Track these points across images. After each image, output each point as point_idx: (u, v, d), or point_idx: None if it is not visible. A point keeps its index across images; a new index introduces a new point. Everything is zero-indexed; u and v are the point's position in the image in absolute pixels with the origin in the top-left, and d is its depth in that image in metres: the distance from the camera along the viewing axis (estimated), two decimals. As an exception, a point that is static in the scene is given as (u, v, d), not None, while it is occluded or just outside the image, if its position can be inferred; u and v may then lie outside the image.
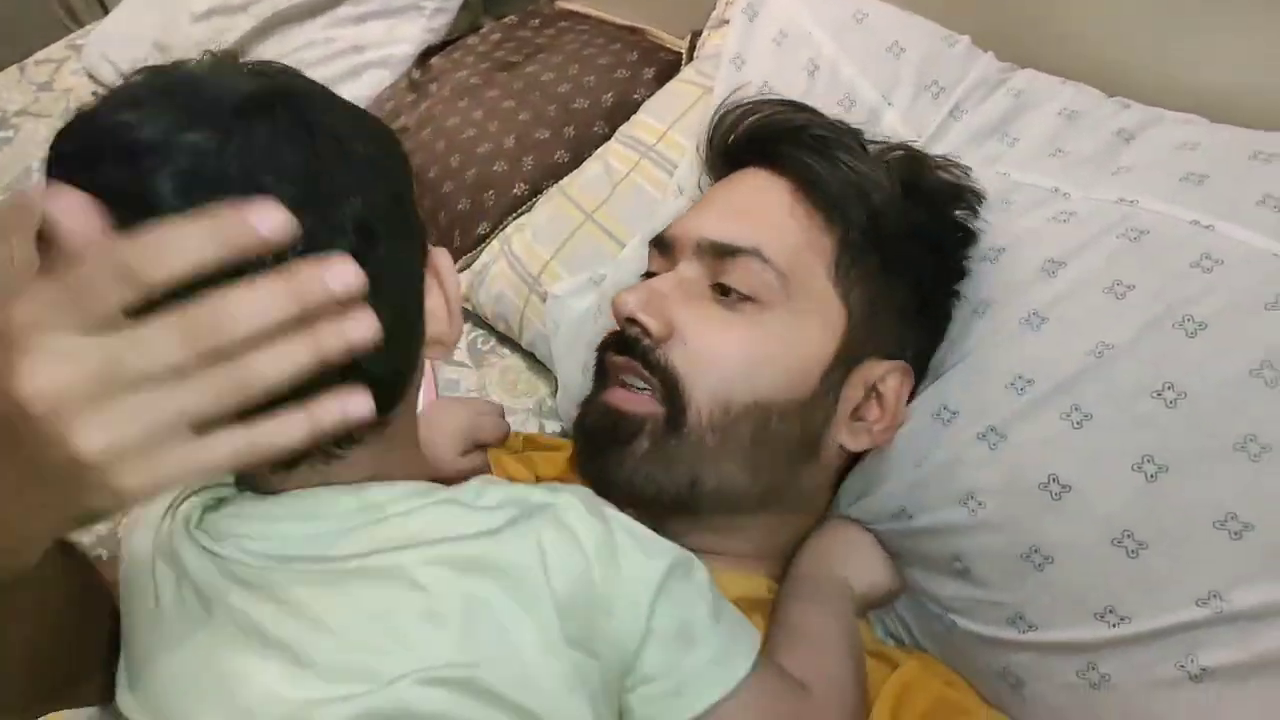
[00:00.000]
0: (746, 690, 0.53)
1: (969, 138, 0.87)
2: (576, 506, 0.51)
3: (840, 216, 0.74)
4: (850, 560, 0.76)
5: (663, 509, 0.70)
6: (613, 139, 1.20)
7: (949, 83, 0.90)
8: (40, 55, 1.94)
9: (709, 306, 0.72)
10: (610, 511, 0.53)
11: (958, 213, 0.80)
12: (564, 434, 1.06)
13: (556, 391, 1.09)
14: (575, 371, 1.01)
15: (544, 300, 1.11)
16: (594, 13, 1.51)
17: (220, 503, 0.52)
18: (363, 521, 0.49)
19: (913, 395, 0.78)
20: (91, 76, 1.85)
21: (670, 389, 0.69)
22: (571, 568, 0.49)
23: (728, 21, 1.11)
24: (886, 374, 0.75)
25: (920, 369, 0.79)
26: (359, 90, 1.53)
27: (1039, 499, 0.70)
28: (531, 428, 1.11)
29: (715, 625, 0.53)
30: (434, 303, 0.51)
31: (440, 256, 0.51)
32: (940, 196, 0.79)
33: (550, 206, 1.19)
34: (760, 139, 0.80)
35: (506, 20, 1.53)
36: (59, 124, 0.46)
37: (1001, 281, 0.77)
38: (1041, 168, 0.82)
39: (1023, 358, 0.73)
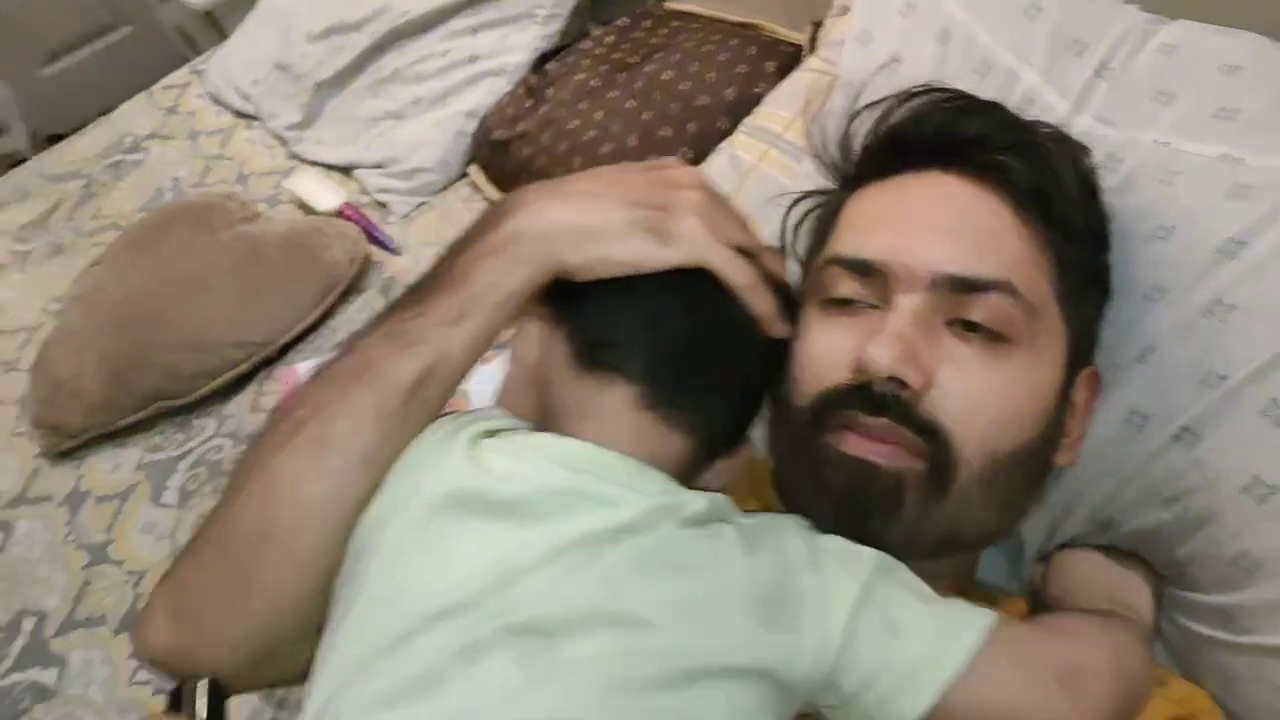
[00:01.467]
0: (988, 653, 0.52)
1: (1120, 99, 0.82)
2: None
3: (1053, 231, 0.65)
4: (1120, 583, 0.71)
5: (899, 553, 0.62)
6: (736, 131, 1.19)
7: (1092, 39, 0.84)
8: (165, 81, 2.03)
9: (956, 347, 0.62)
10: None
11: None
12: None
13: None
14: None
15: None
16: (704, 11, 1.51)
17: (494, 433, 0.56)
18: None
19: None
20: (214, 99, 1.92)
21: (938, 447, 0.60)
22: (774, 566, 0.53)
23: (849, 8, 1.10)
24: (1080, 382, 0.70)
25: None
26: (478, 99, 1.56)
27: (1242, 503, 0.66)
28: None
29: (929, 609, 0.54)
30: None
31: None
32: (1096, 180, 0.73)
33: (678, 202, 1.18)
34: (956, 141, 0.69)
35: (618, 23, 1.54)
36: (185, 145, 0.51)
37: (1174, 265, 0.72)
38: (1206, 132, 0.76)
39: (1210, 351, 0.68)
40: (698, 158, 1.23)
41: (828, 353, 0.63)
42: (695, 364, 0.59)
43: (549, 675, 0.47)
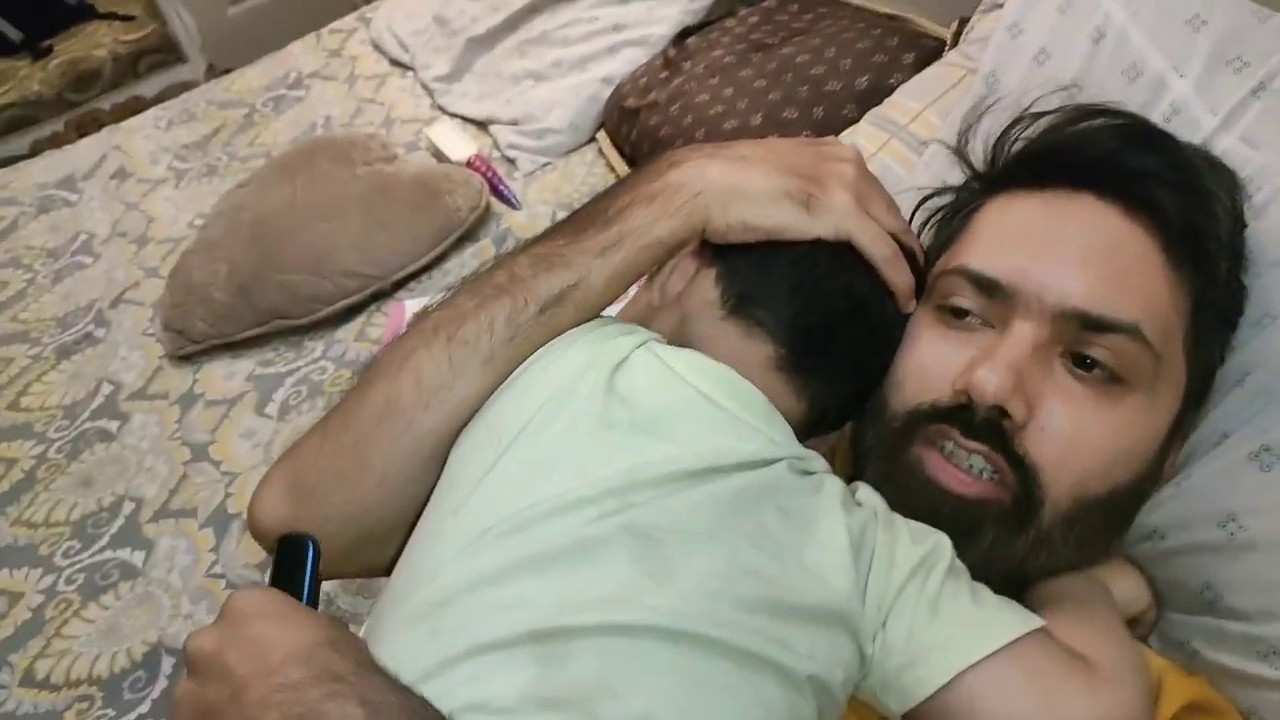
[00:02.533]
0: (1011, 654, 0.52)
1: (1272, 123, 0.78)
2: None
3: (1196, 274, 0.62)
4: (1105, 573, 0.69)
5: (990, 581, 0.62)
6: (862, 120, 1.17)
7: (1254, 58, 0.81)
8: (335, 25, 2.13)
9: (1068, 384, 0.60)
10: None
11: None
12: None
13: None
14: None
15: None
16: (855, 0, 1.49)
17: None
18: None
19: None
20: (376, 46, 2.00)
21: (1027, 484, 0.58)
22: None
23: (1000, 5, 1.06)
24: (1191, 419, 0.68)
25: None
26: (615, 67, 1.57)
27: None
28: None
29: (972, 600, 0.55)
30: None
31: None
32: (1242, 210, 0.69)
33: (791, 184, 1.17)
34: (1119, 171, 0.65)
35: (765, 4, 1.53)
36: (343, 87, 0.54)
37: None
38: None
39: None
40: (820, 142, 1.21)
41: (935, 365, 0.62)
42: (832, 340, 0.62)
43: (661, 574, 0.49)
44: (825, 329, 0.62)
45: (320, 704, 0.42)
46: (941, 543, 0.57)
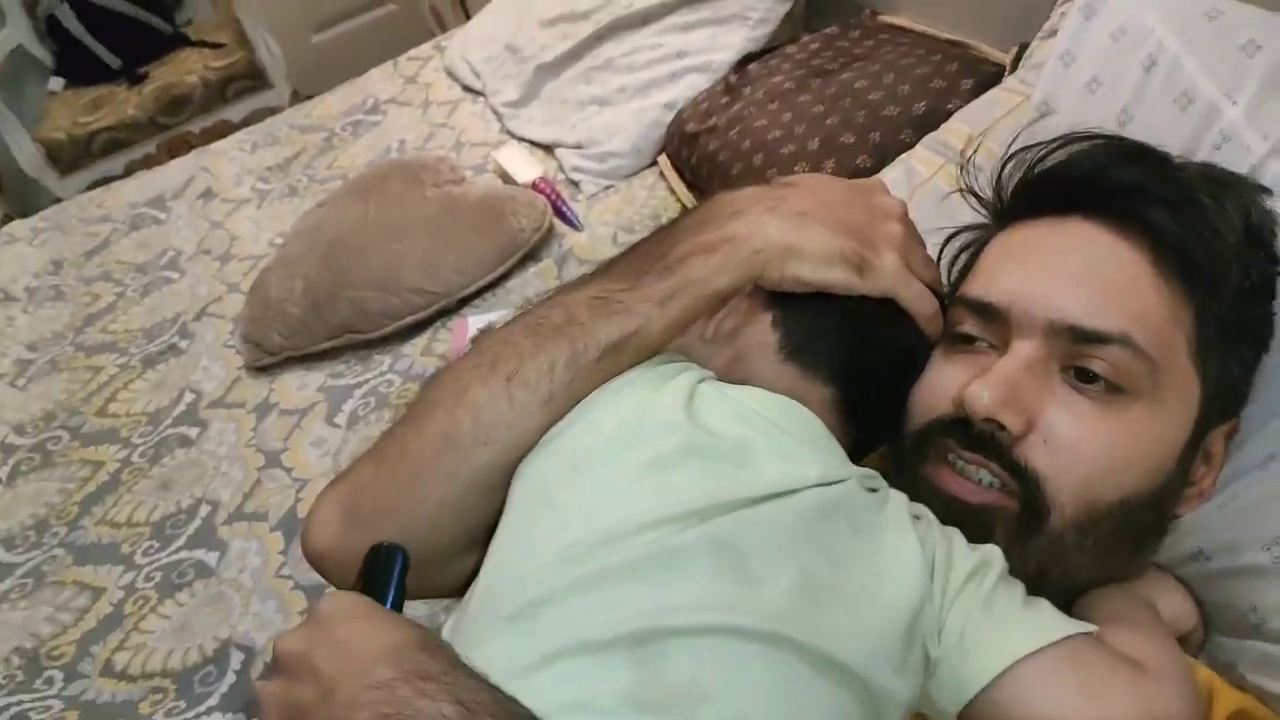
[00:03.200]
0: (1061, 650, 0.55)
1: (1328, 149, 0.78)
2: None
3: (1198, 286, 0.64)
4: (1153, 592, 0.70)
5: None
6: (919, 145, 1.18)
7: (1308, 84, 0.81)
8: (412, 53, 2.21)
9: (1066, 395, 0.62)
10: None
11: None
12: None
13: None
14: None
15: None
16: (917, 26, 1.50)
17: None
18: None
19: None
20: (449, 73, 2.07)
21: (1032, 490, 0.61)
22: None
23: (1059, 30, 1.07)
24: (1219, 435, 0.68)
25: None
26: (677, 93, 1.61)
27: None
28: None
29: (1023, 603, 0.57)
30: None
31: None
32: (1270, 229, 0.69)
33: (846, 207, 1.19)
34: (1102, 189, 0.68)
35: (827, 31, 1.55)
36: (417, 112, 0.58)
37: None
38: None
39: None
40: (875, 167, 1.23)
41: (939, 385, 0.66)
42: (881, 385, 0.67)
43: (745, 581, 0.52)
44: (876, 376, 0.67)
45: (412, 701, 0.43)
46: (992, 552, 0.59)
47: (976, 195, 0.77)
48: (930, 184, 1.11)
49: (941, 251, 0.81)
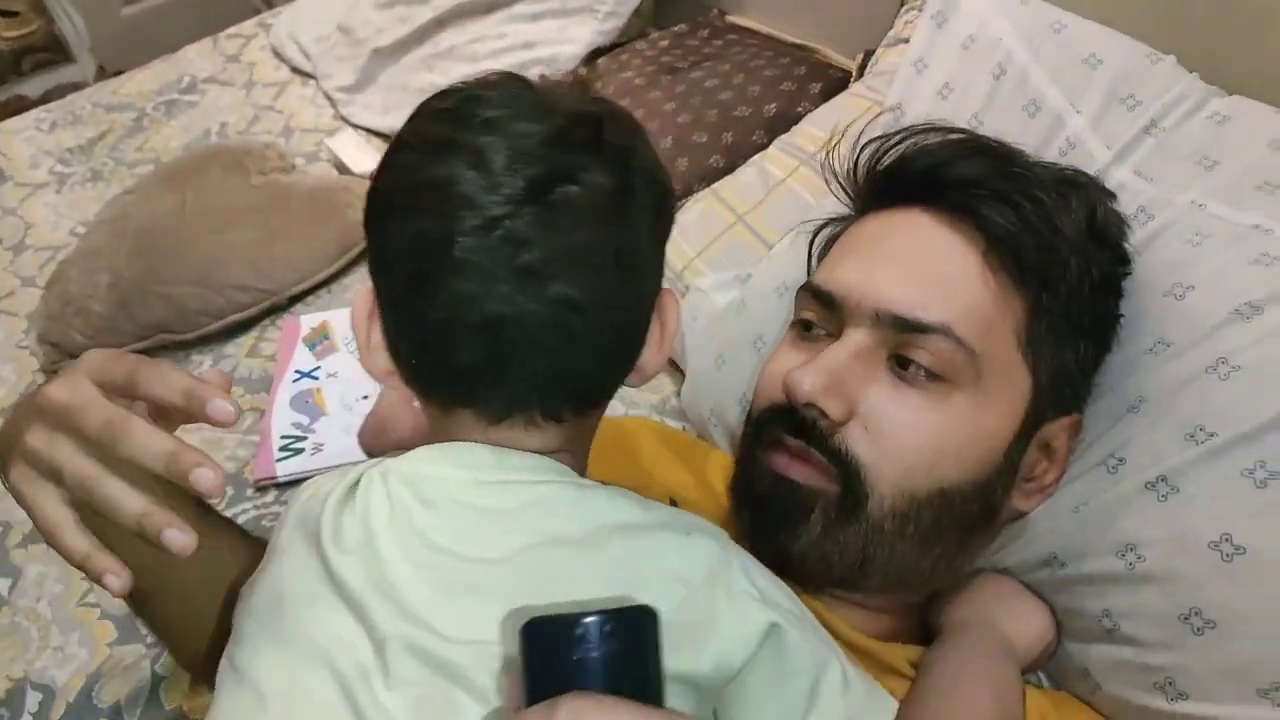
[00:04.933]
0: None
1: (1163, 158, 0.81)
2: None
3: (1032, 279, 0.66)
4: (1002, 610, 0.71)
5: (823, 581, 0.67)
6: (772, 146, 1.18)
7: (1146, 97, 0.84)
8: (232, 30, 2.06)
9: (890, 384, 0.64)
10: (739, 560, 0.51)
11: (1126, 245, 0.74)
12: (683, 430, 1.04)
13: (681, 389, 1.07)
14: (707, 364, 0.99)
15: (684, 297, 1.09)
16: (764, 29, 1.51)
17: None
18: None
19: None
20: (276, 53, 1.94)
21: (851, 477, 0.63)
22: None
23: (905, 40, 1.09)
24: (1060, 429, 0.70)
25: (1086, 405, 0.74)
26: (524, 84, 1.56)
27: (1208, 558, 0.64)
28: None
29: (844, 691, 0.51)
30: (652, 336, 0.54)
31: (668, 298, 0.55)
32: (1115, 229, 0.73)
33: (701, 207, 1.17)
34: (929, 180, 0.70)
35: (676, 29, 1.54)
36: (240, 94, 0.52)
37: (1186, 322, 0.71)
38: (1245, 201, 0.75)
39: (1205, 407, 0.67)
40: (728, 167, 1.22)
41: (775, 372, 0.68)
42: None
43: None
44: None
45: None
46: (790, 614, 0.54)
47: (842, 185, 0.79)
48: (785, 185, 1.11)
49: (812, 243, 0.83)
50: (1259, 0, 0.88)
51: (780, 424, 0.66)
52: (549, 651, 0.38)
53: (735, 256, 1.09)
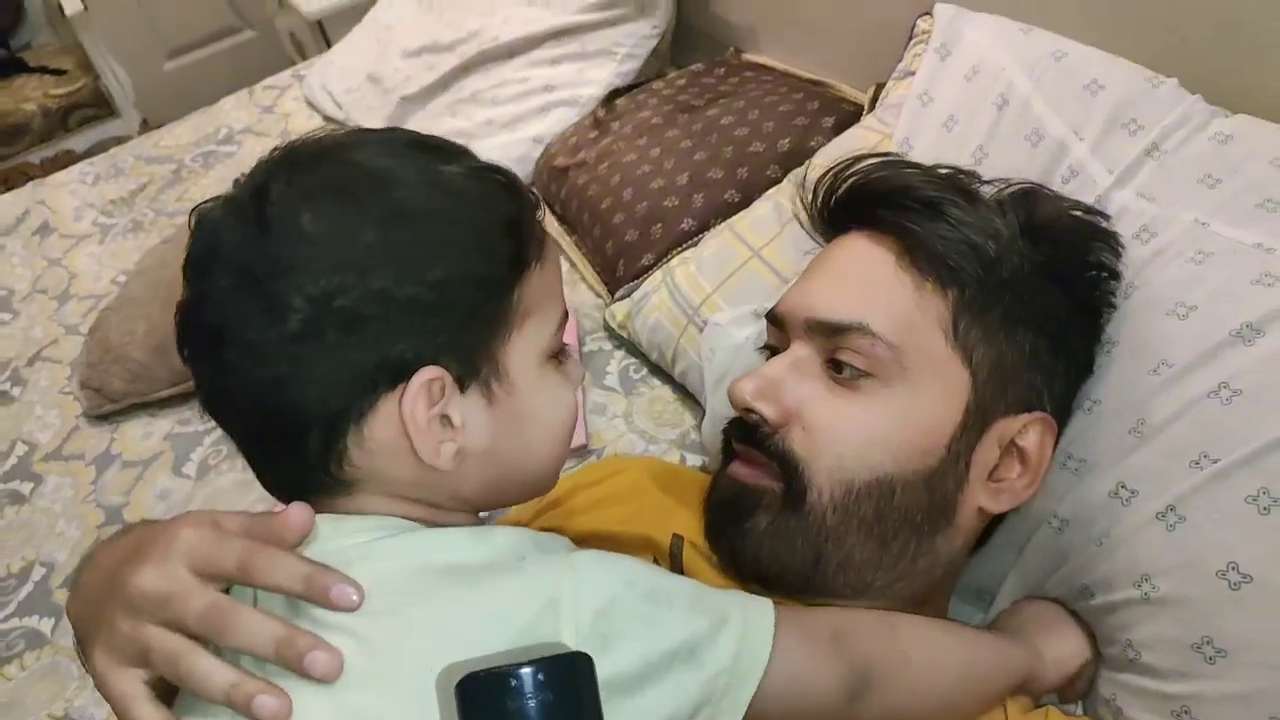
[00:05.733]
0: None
1: (1165, 179, 0.81)
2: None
3: (952, 277, 0.70)
4: (1037, 627, 0.73)
5: (792, 587, 0.68)
6: (785, 180, 1.19)
7: (1148, 121, 0.84)
8: (269, 81, 2.12)
9: (824, 386, 0.69)
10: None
11: (1092, 244, 0.76)
12: (704, 468, 1.04)
13: (702, 423, 1.08)
14: (725, 401, 1.00)
15: (701, 330, 1.10)
16: (779, 65, 1.52)
17: None
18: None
19: (1057, 443, 0.73)
20: (309, 103, 2.00)
21: (790, 473, 0.67)
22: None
23: (913, 73, 1.10)
24: (1025, 428, 0.71)
25: (1064, 411, 0.74)
26: (546, 126, 1.59)
27: (1216, 587, 0.65)
28: (673, 458, 1.10)
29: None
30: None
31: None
32: (1064, 230, 0.76)
33: (717, 242, 1.19)
34: (859, 202, 0.76)
35: (693, 68, 1.56)
36: (275, 144, 0.52)
37: (1187, 343, 0.72)
38: (1247, 220, 0.75)
39: (1207, 431, 0.68)
40: (743, 202, 1.24)
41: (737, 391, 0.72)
42: None
43: None
44: None
45: None
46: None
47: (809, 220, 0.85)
48: (796, 221, 1.12)
49: None
50: (1261, 20, 0.88)
51: (731, 432, 0.73)
52: (485, 706, 0.39)
53: (751, 290, 1.09)
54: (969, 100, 0.98)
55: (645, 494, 0.84)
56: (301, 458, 0.50)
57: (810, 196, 0.81)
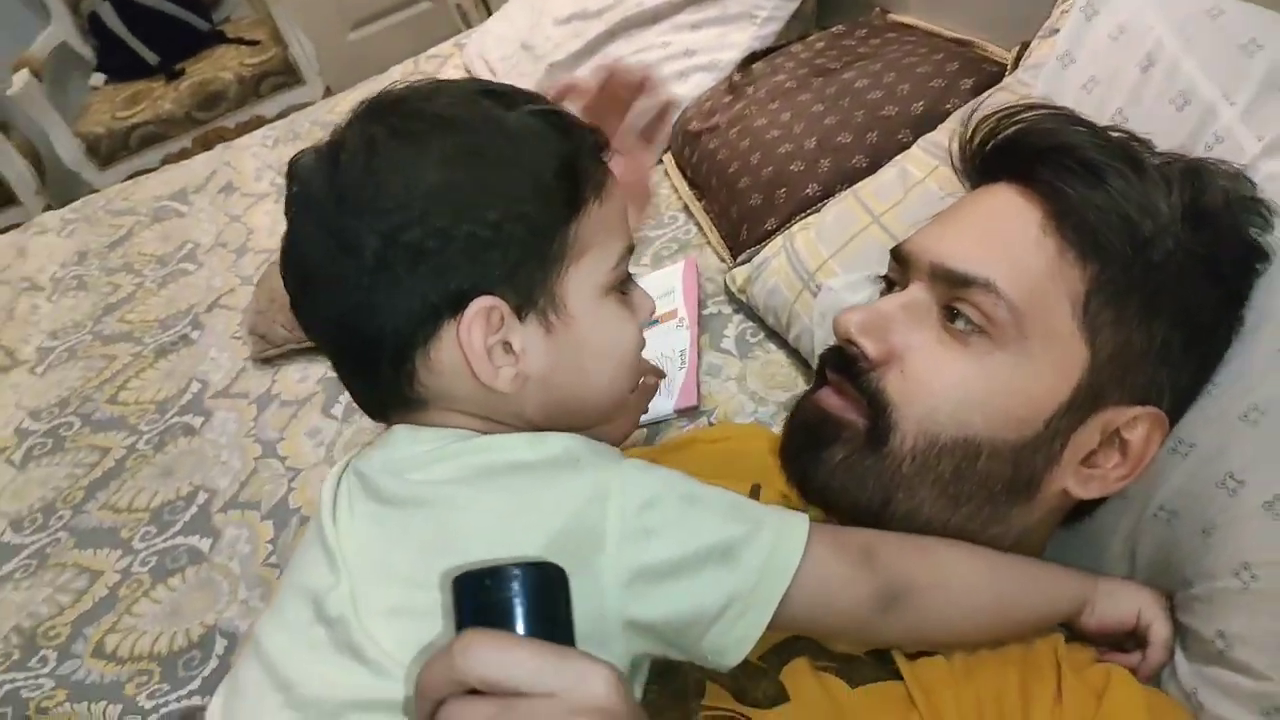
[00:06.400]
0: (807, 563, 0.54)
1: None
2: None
3: (1096, 252, 0.65)
4: (1105, 581, 0.70)
5: (852, 523, 0.66)
6: (914, 145, 1.17)
7: (1310, 83, 0.78)
8: (433, 50, 2.23)
9: (934, 334, 0.66)
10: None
11: (1251, 230, 0.69)
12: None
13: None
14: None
15: (815, 295, 1.10)
16: (924, 24, 1.48)
17: None
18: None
19: (1163, 438, 0.68)
20: (468, 71, 2.08)
21: (878, 412, 0.65)
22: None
23: (1058, 31, 1.05)
24: (1134, 421, 0.66)
25: (1180, 410, 0.70)
26: (684, 90, 1.60)
27: None
28: (780, 421, 1.11)
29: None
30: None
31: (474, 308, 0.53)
32: (1228, 214, 0.68)
33: (839, 208, 1.18)
34: (1016, 153, 0.71)
35: (834, 29, 1.54)
36: None
37: None
38: None
39: None
40: (870, 168, 1.22)
41: (838, 317, 0.71)
42: None
43: None
44: None
45: None
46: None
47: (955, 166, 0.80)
48: (923, 185, 1.10)
49: None
50: None
51: (831, 360, 0.70)
52: (471, 600, 0.42)
53: (868, 256, 1.08)
54: (1112, 61, 0.92)
55: (745, 454, 0.86)
56: (379, 378, 0.55)
57: (968, 135, 0.76)
